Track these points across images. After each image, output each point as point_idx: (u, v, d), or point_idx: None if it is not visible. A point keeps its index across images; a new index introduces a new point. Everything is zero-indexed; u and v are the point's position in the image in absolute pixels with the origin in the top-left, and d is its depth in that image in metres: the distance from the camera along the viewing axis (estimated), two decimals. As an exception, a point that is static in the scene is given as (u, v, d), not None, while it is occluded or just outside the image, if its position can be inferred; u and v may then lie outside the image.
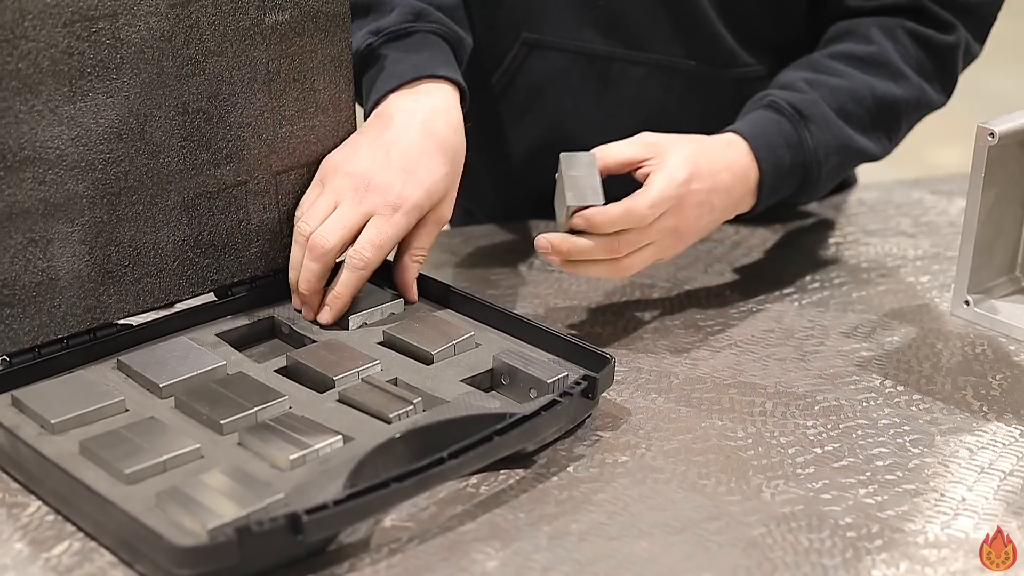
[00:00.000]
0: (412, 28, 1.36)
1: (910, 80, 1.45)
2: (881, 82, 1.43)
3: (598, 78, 1.52)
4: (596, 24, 1.50)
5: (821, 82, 1.41)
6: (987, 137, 1.32)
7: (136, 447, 1.05)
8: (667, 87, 1.51)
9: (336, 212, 1.25)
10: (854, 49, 1.44)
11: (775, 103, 1.39)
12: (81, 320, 1.20)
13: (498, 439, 1.06)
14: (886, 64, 1.44)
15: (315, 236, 1.24)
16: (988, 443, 1.17)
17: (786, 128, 1.37)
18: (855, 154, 1.43)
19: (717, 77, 1.51)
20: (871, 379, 1.26)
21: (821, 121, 1.39)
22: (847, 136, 1.40)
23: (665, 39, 1.49)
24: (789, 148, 1.37)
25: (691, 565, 1.01)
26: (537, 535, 1.04)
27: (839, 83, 1.41)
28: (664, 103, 1.52)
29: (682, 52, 1.50)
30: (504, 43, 1.54)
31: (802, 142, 1.38)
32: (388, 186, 1.25)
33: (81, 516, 1.03)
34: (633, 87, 1.52)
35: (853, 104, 1.41)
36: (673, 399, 1.22)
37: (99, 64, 1.16)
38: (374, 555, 1.01)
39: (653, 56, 1.50)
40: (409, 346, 1.21)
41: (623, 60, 1.51)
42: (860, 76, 1.42)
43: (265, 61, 1.27)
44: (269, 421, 1.10)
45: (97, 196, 1.19)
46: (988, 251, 1.38)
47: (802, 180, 1.40)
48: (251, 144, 1.28)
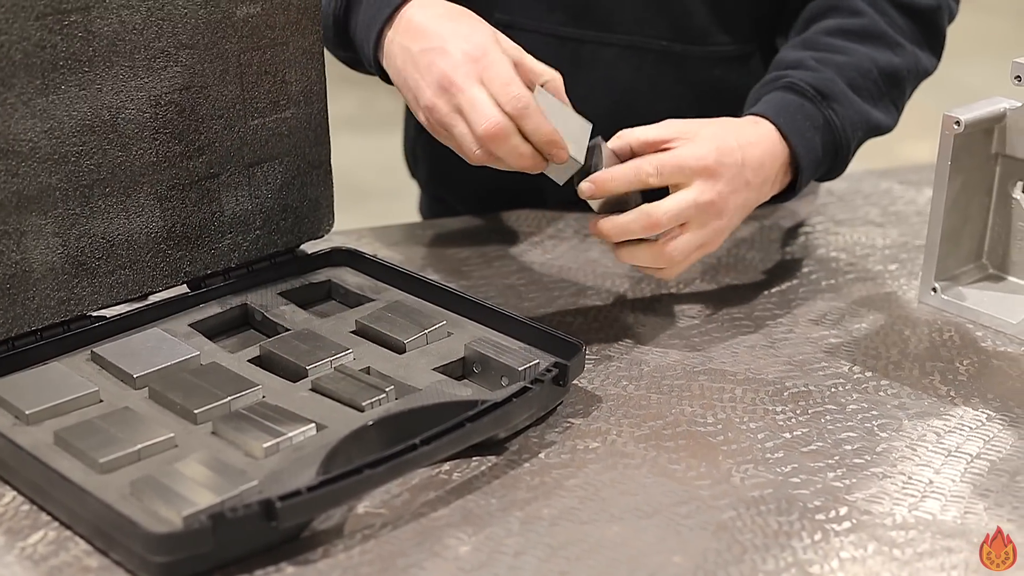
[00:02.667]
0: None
1: (905, 48, 1.45)
2: (881, 53, 1.43)
3: (570, 60, 1.52)
4: (566, 6, 1.51)
5: (827, 60, 1.40)
6: (953, 125, 1.34)
7: (110, 437, 1.06)
8: (639, 67, 1.52)
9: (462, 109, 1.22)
10: (845, 24, 1.44)
11: (794, 84, 1.38)
12: (55, 312, 1.20)
13: (470, 426, 1.07)
14: (881, 35, 1.44)
15: (482, 131, 1.20)
16: (955, 427, 1.19)
17: (810, 110, 1.36)
18: (873, 128, 1.43)
19: (689, 56, 1.52)
20: (840, 365, 1.27)
21: (842, 98, 1.38)
22: (866, 111, 1.40)
23: (636, 19, 1.50)
24: (816, 129, 1.36)
25: (662, 548, 1.02)
26: (509, 520, 1.05)
27: (844, 60, 1.41)
28: (636, 83, 1.53)
29: (654, 31, 1.51)
30: None
31: (829, 122, 1.37)
32: (461, 54, 1.22)
33: (56, 505, 1.03)
34: (605, 68, 1.53)
35: (861, 79, 1.41)
36: (644, 386, 1.23)
37: (71, 57, 1.16)
38: (348, 541, 1.02)
39: (624, 37, 1.51)
40: (381, 335, 1.22)
41: (594, 42, 1.52)
42: (861, 49, 1.42)
43: (237, 53, 1.27)
44: (242, 410, 1.10)
45: (70, 188, 1.19)
46: (955, 239, 1.40)
47: (833, 159, 1.39)
48: (223, 136, 1.28)
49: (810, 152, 1.35)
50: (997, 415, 1.20)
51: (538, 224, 1.55)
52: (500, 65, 1.22)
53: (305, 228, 1.36)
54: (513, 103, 1.20)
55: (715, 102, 1.56)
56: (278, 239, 1.34)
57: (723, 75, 1.54)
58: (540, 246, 1.50)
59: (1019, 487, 1.11)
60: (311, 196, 1.35)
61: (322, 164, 1.35)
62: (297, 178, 1.34)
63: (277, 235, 1.34)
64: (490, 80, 1.21)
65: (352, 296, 1.31)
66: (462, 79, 1.21)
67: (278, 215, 1.33)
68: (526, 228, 1.55)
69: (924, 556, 1.03)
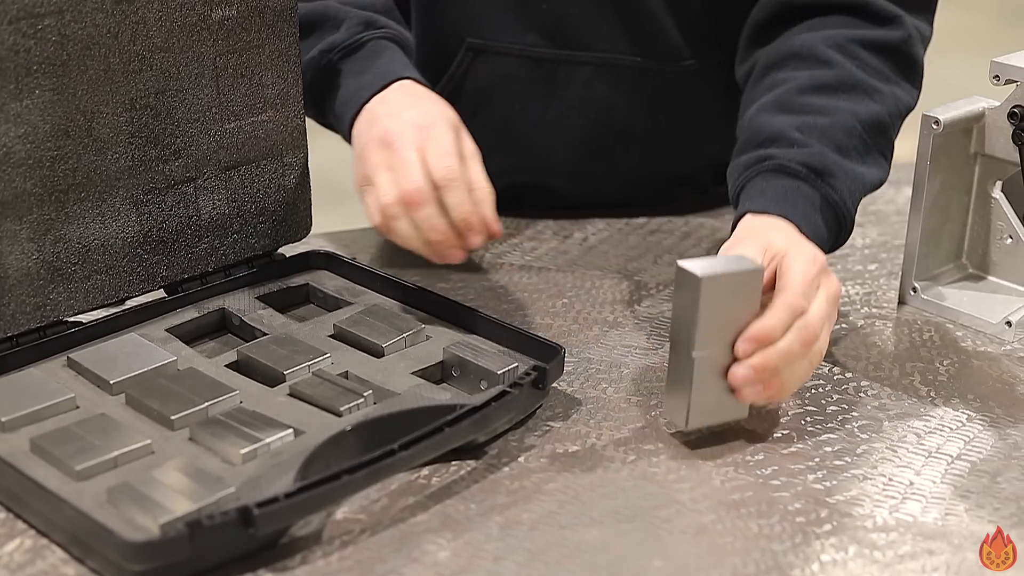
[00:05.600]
0: (364, 38, 1.36)
1: (882, 92, 1.36)
2: (860, 104, 1.34)
3: (545, 80, 1.52)
4: (540, 27, 1.50)
5: (810, 127, 1.32)
6: (932, 125, 1.34)
7: (87, 444, 1.05)
8: (615, 84, 1.52)
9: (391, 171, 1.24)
10: (818, 77, 1.36)
11: (784, 167, 1.28)
12: (31, 318, 1.20)
13: (449, 430, 1.06)
14: (856, 84, 1.35)
15: (400, 190, 1.22)
16: (935, 428, 1.18)
17: (807, 191, 1.27)
18: (868, 186, 1.34)
19: (662, 72, 1.51)
20: (820, 366, 1.27)
21: (836, 169, 1.29)
22: (859, 173, 1.32)
23: (610, 37, 1.50)
24: (817, 210, 1.28)
25: (642, 552, 1.02)
26: (488, 525, 1.05)
27: (826, 122, 1.32)
28: (613, 100, 1.52)
29: (627, 49, 1.50)
30: (449, 49, 1.54)
31: (827, 199, 1.28)
32: (409, 123, 1.25)
33: (32, 513, 1.03)
34: (581, 87, 1.52)
35: (847, 139, 1.32)
36: (623, 389, 1.23)
37: (45, 61, 1.16)
38: (326, 547, 1.02)
39: (598, 55, 1.50)
40: (360, 339, 1.21)
41: (568, 61, 1.51)
42: (840, 105, 1.34)
43: (212, 56, 1.27)
44: (220, 416, 1.10)
45: (45, 193, 1.18)
46: (935, 238, 1.40)
47: (837, 232, 1.31)
48: (199, 140, 1.28)
49: (817, 234, 1.26)
50: (977, 415, 1.20)
51: (516, 226, 1.54)
52: (443, 138, 1.24)
53: (283, 232, 1.35)
54: (443, 171, 1.22)
55: (691, 115, 1.56)
56: (256, 243, 1.33)
57: (697, 89, 1.54)
58: (519, 248, 1.50)
59: (1000, 488, 1.11)
60: (289, 199, 1.34)
61: (300, 167, 1.35)
62: (274, 181, 1.33)
63: (255, 239, 1.33)
64: (428, 148, 1.23)
65: (330, 300, 1.31)
66: (401, 140, 1.24)
67: (255, 219, 1.33)
68: (505, 230, 1.54)
69: (905, 558, 1.02)
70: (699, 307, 1.10)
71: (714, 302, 1.10)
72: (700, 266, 1.10)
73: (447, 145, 1.23)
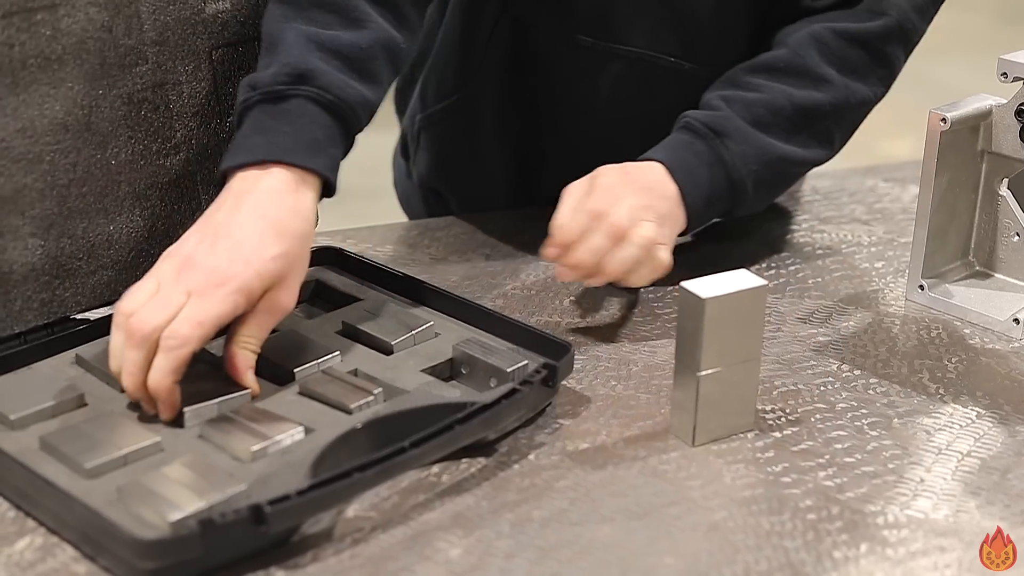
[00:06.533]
0: (287, 92, 1.20)
1: (832, 83, 1.42)
2: (800, 90, 1.41)
3: (577, 67, 1.51)
4: (582, 13, 1.49)
5: (737, 98, 1.40)
6: (939, 123, 1.33)
7: (96, 441, 1.05)
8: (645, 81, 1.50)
9: (158, 295, 1.10)
10: (771, 60, 1.43)
11: (689, 124, 1.39)
12: (38, 314, 1.20)
13: (459, 428, 1.06)
14: (805, 71, 1.41)
15: (133, 320, 1.09)
16: (945, 424, 1.18)
17: (700, 148, 1.36)
18: (783, 162, 1.41)
19: (695, 74, 1.49)
20: (828, 364, 1.27)
21: (736, 134, 1.37)
22: (767, 144, 1.39)
23: (649, 33, 1.48)
24: (708, 166, 1.36)
25: (653, 550, 1.02)
26: (500, 522, 1.04)
27: (755, 96, 1.40)
28: (641, 96, 1.51)
29: (664, 47, 1.49)
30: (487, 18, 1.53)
31: (720, 157, 1.37)
32: (212, 266, 1.11)
33: (42, 511, 1.02)
34: (612, 79, 1.51)
35: (770, 115, 1.40)
36: (632, 386, 1.23)
37: (40, 55, 1.16)
38: (337, 545, 1.01)
39: (634, 50, 1.49)
40: (369, 336, 1.21)
41: (604, 52, 1.49)
42: (776, 86, 1.41)
43: (208, 50, 1.27)
44: (230, 413, 1.09)
45: (46, 188, 1.18)
46: (942, 236, 1.40)
47: (731, 194, 1.38)
48: (199, 134, 1.28)
49: (697, 187, 1.35)
50: (987, 412, 1.20)
51: (524, 223, 1.54)
52: (215, 306, 1.10)
53: (289, 228, 1.35)
54: (171, 337, 1.08)
55: None
56: (262, 239, 1.33)
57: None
58: (527, 245, 1.49)
59: (1010, 485, 1.10)
60: (294, 196, 1.34)
61: (304, 163, 1.34)
62: (279, 177, 1.32)
63: (261, 235, 1.33)
64: (191, 304, 1.09)
65: (338, 296, 1.30)
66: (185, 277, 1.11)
67: (262, 215, 1.32)
68: (513, 227, 1.54)
69: (917, 555, 1.02)
70: (703, 327, 1.10)
71: (718, 321, 1.11)
72: (704, 287, 1.11)
73: (207, 314, 1.09)
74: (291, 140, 1.18)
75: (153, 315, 1.09)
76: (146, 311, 1.09)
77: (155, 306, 1.09)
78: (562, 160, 1.57)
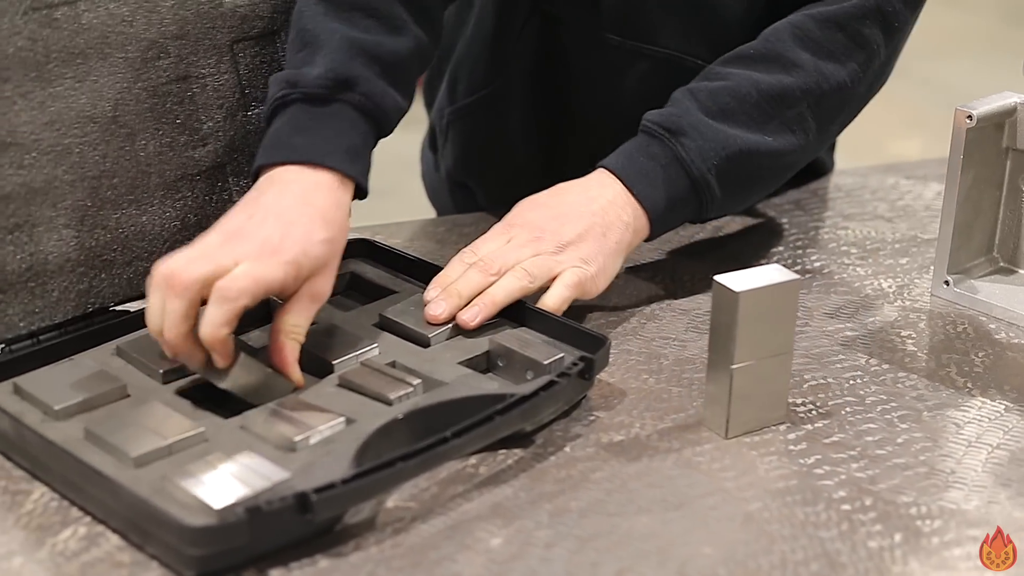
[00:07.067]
0: (329, 96, 1.23)
1: (803, 67, 1.38)
2: (768, 75, 1.37)
3: (605, 64, 1.52)
4: (612, 10, 1.50)
5: (700, 88, 1.37)
6: (965, 120, 1.35)
7: (141, 431, 1.06)
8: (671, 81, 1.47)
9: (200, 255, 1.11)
10: (744, 49, 1.41)
11: (644, 127, 1.36)
12: (76, 305, 1.21)
13: (499, 419, 1.07)
14: (775, 57, 1.38)
15: (173, 274, 1.09)
16: (974, 418, 1.20)
17: (655, 149, 1.34)
18: (748, 154, 1.36)
19: None
20: (856, 358, 1.28)
21: (691, 130, 1.34)
22: (728, 137, 1.35)
23: (677, 34, 1.49)
24: (663, 167, 1.33)
25: (691, 539, 1.03)
26: (538, 513, 1.06)
27: (719, 85, 1.37)
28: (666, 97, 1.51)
29: (691, 49, 1.50)
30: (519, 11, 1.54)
31: (676, 156, 1.34)
32: (264, 237, 1.12)
33: (89, 500, 1.04)
34: (638, 78, 1.52)
35: (735, 102, 1.36)
36: (664, 380, 1.24)
37: (63, 50, 1.19)
38: (379, 534, 1.03)
39: (662, 50, 1.50)
40: (406, 329, 1.22)
41: (632, 51, 1.51)
42: (743, 74, 1.38)
43: (229, 44, 1.29)
44: (271, 404, 1.11)
45: (76, 180, 1.21)
46: (967, 232, 1.41)
47: (695, 193, 1.35)
48: (226, 126, 1.29)
49: (654, 190, 1.33)
50: (1015, 406, 1.21)
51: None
52: (269, 270, 1.11)
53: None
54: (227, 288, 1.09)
55: None
56: (295, 231, 1.34)
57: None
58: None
59: (1041, 477, 1.12)
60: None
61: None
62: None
63: (294, 227, 1.34)
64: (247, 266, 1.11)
65: (373, 289, 1.31)
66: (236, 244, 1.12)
67: (294, 207, 1.33)
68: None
69: (951, 545, 1.04)
70: (737, 321, 1.12)
71: (752, 315, 1.12)
72: (738, 281, 1.12)
73: (261, 273, 1.10)
74: (332, 145, 1.21)
75: (195, 268, 1.09)
76: (187, 266, 1.10)
77: (197, 262, 1.10)
78: (589, 156, 1.58)
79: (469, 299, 1.24)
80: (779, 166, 1.42)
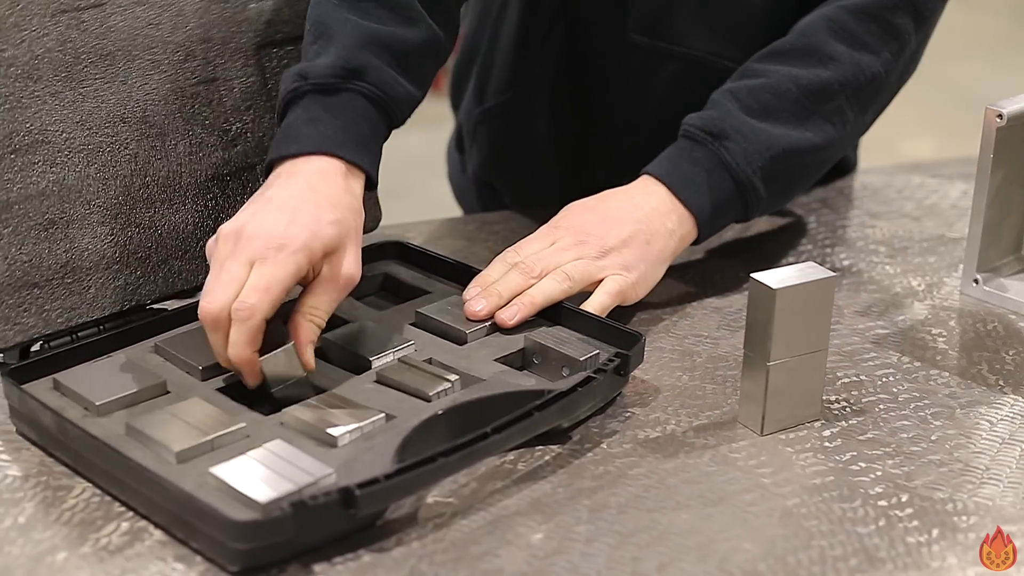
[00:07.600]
0: (339, 85, 1.23)
1: (840, 60, 1.39)
2: (806, 70, 1.38)
3: (633, 67, 1.53)
4: (640, 13, 1.51)
5: (740, 88, 1.38)
6: (995, 119, 1.35)
7: (182, 427, 1.07)
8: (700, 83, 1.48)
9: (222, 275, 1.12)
10: (779, 45, 1.41)
11: (686, 131, 1.37)
12: (113, 302, 1.22)
13: (538, 415, 1.08)
14: (812, 51, 1.39)
15: (202, 306, 1.11)
16: (1007, 415, 1.20)
17: (699, 154, 1.35)
18: (792, 153, 1.37)
19: None
20: (888, 355, 1.29)
21: (735, 133, 1.35)
22: (772, 137, 1.36)
23: (705, 36, 1.50)
24: (708, 172, 1.34)
25: (730, 535, 1.04)
26: (577, 508, 1.06)
27: (759, 83, 1.38)
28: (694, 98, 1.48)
29: (720, 50, 1.50)
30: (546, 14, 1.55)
31: (721, 160, 1.34)
32: (269, 232, 1.12)
33: (132, 496, 1.04)
34: (667, 80, 1.53)
35: (775, 100, 1.37)
36: (698, 377, 1.25)
37: (91, 51, 1.21)
38: (420, 530, 1.03)
39: (691, 52, 1.51)
40: (443, 326, 1.23)
41: (661, 54, 1.51)
42: (781, 70, 1.38)
43: (254, 48, 1.30)
44: (311, 400, 1.11)
45: (109, 178, 1.23)
46: (995, 231, 1.41)
47: (741, 196, 1.36)
48: (255, 127, 1.31)
49: (700, 196, 1.33)
50: (1048, 404, 1.22)
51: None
52: (279, 268, 1.12)
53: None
54: (240, 309, 1.10)
55: None
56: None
57: None
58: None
59: (1075, 473, 1.12)
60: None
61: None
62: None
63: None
64: (255, 272, 1.12)
65: (406, 289, 1.32)
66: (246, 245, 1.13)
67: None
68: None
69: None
70: (773, 318, 1.12)
71: (788, 312, 1.13)
72: (774, 278, 1.13)
73: (271, 278, 1.11)
74: (342, 134, 1.21)
75: (219, 296, 1.11)
76: (212, 295, 1.11)
77: (220, 287, 1.11)
78: (615, 158, 1.59)
79: (509, 299, 1.25)
80: (820, 160, 1.43)
